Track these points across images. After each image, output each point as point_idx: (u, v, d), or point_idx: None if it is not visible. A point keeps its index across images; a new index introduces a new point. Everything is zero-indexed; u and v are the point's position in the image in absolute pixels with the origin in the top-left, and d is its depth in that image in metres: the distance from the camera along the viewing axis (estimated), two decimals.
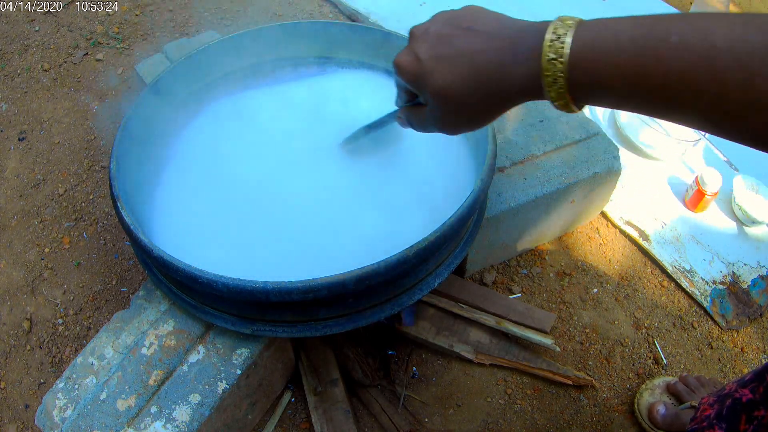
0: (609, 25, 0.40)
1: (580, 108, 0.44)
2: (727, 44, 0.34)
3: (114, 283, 1.15)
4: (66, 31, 1.65)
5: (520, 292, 1.13)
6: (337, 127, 0.98)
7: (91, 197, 1.28)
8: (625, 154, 1.31)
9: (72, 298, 1.13)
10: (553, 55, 0.41)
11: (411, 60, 0.50)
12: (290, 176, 0.91)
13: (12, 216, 1.26)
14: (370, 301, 0.77)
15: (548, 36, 0.41)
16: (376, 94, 1.02)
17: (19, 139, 1.40)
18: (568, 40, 0.40)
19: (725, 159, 1.28)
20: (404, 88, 0.56)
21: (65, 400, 0.76)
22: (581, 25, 0.41)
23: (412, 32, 0.52)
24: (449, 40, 0.48)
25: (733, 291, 1.13)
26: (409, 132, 0.63)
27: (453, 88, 0.47)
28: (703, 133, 1.26)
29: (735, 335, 1.10)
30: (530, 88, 0.44)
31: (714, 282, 1.15)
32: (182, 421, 0.75)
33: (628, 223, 1.23)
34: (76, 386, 0.78)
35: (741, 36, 0.34)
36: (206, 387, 0.77)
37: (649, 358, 1.07)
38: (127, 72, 1.54)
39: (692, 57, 0.35)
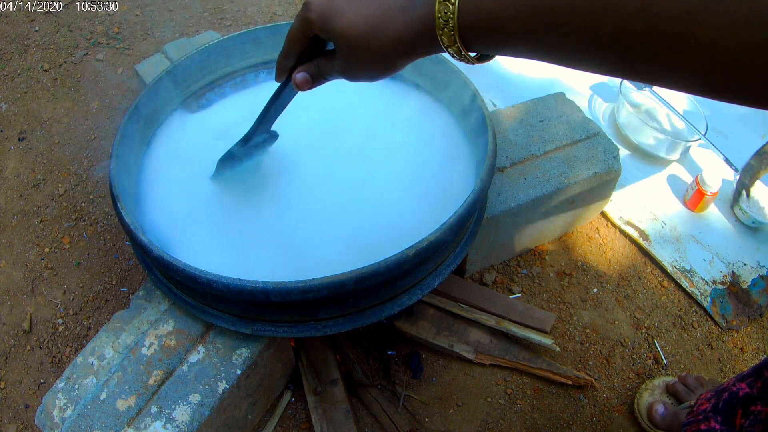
0: None
1: (477, 59, 0.45)
2: None
3: (114, 283, 1.15)
4: (66, 31, 1.65)
5: (520, 292, 1.13)
6: (340, 124, 0.98)
7: (91, 197, 1.28)
8: (625, 154, 1.31)
9: (72, 298, 1.13)
10: None
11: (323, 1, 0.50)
12: (290, 177, 0.91)
13: (12, 216, 1.26)
14: (370, 301, 0.77)
15: None
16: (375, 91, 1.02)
17: (19, 139, 1.40)
18: None
19: (725, 159, 1.28)
20: (308, 35, 0.54)
21: (65, 400, 0.76)
22: None
23: None
24: None
25: (733, 291, 1.13)
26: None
27: (355, 30, 0.47)
28: (703, 133, 1.26)
29: (735, 335, 1.10)
30: (426, 34, 0.44)
31: (714, 282, 1.15)
32: (182, 421, 0.75)
33: (628, 223, 1.23)
34: (76, 386, 0.77)
35: None
36: (206, 387, 0.77)
37: (649, 358, 1.07)
38: (127, 72, 1.54)
39: None
